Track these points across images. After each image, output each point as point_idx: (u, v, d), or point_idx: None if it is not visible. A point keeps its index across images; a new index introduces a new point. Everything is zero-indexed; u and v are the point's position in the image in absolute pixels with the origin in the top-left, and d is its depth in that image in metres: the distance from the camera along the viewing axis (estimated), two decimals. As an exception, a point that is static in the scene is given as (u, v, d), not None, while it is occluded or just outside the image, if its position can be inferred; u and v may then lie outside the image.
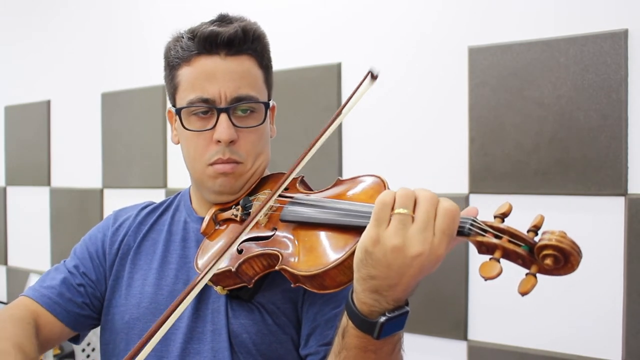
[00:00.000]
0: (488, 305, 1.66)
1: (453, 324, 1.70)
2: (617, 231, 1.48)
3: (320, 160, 1.90)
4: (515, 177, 1.60)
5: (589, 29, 1.50)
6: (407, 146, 1.80)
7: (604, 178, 1.49)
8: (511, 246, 0.64)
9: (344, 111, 0.85)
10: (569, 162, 1.53)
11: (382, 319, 0.69)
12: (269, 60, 1.03)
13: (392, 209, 0.67)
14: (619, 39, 1.46)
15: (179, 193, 1.15)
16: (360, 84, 0.86)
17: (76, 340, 1.09)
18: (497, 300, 1.64)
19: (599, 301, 1.50)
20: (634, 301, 1.45)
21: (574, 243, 0.62)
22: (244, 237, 0.86)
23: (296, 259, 0.81)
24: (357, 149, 1.90)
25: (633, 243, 1.46)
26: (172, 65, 1.00)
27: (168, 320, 0.73)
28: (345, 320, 0.74)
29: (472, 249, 1.67)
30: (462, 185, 1.69)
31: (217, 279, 0.90)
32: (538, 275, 0.63)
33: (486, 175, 1.65)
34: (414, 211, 0.67)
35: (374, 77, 0.87)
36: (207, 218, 1.01)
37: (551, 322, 1.56)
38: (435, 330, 1.73)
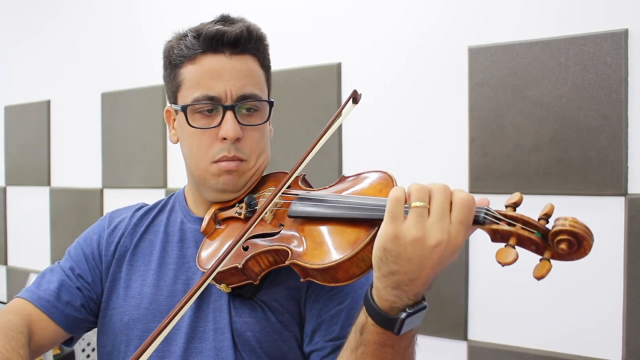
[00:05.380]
0: (488, 305, 1.67)
1: (453, 324, 1.70)
2: (617, 231, 1.48)
3: (320, 161, 1.90)
4: (515, 177, 1.60)
5: (589, 29, 1.50)
6: (407, 146, 1.80)
7: (604, 178, 1.49)
8: (525, 233, 0.66)
9: (329, 131, 0.90)
10: (569, 162, 1.53)
11: (403, 314, 0.71)
12: (269, 61, 1.04)
13: (407, 203, 0.69)
14: (619, 39, 1.46)
15: (172, 194, 1.15)
16: (344, 105, 0.91)
17: (70, 343, 1.07)
18: (497, 300, 1.65)
19: (599, 301, 1.50)
20: (634, 301, 1.46)
21: (586, 228, 0.63)
22: (250, 233, 0.86)
23: (307, 253, 0.82)
24: (357, 149, 1.90)
25: (633, 243, 1.46)
26: (175, 63, 1.00)
27: (175, 319, 0.73)
28: (363, 317, 0.75)
29: (472, 249, 1.68)
30: (462, 185, 1.68)
31: (222, 276, 0.90)
32: (552, 260, 0.65)
33: (486, 175, 1.65)
34: (429, 203, 0.69)
35: (355, 101, 0.92)
36: (207, 217, 1.01)
37: (551, 322, 1.57)
38: (435, 330, 1.73)
